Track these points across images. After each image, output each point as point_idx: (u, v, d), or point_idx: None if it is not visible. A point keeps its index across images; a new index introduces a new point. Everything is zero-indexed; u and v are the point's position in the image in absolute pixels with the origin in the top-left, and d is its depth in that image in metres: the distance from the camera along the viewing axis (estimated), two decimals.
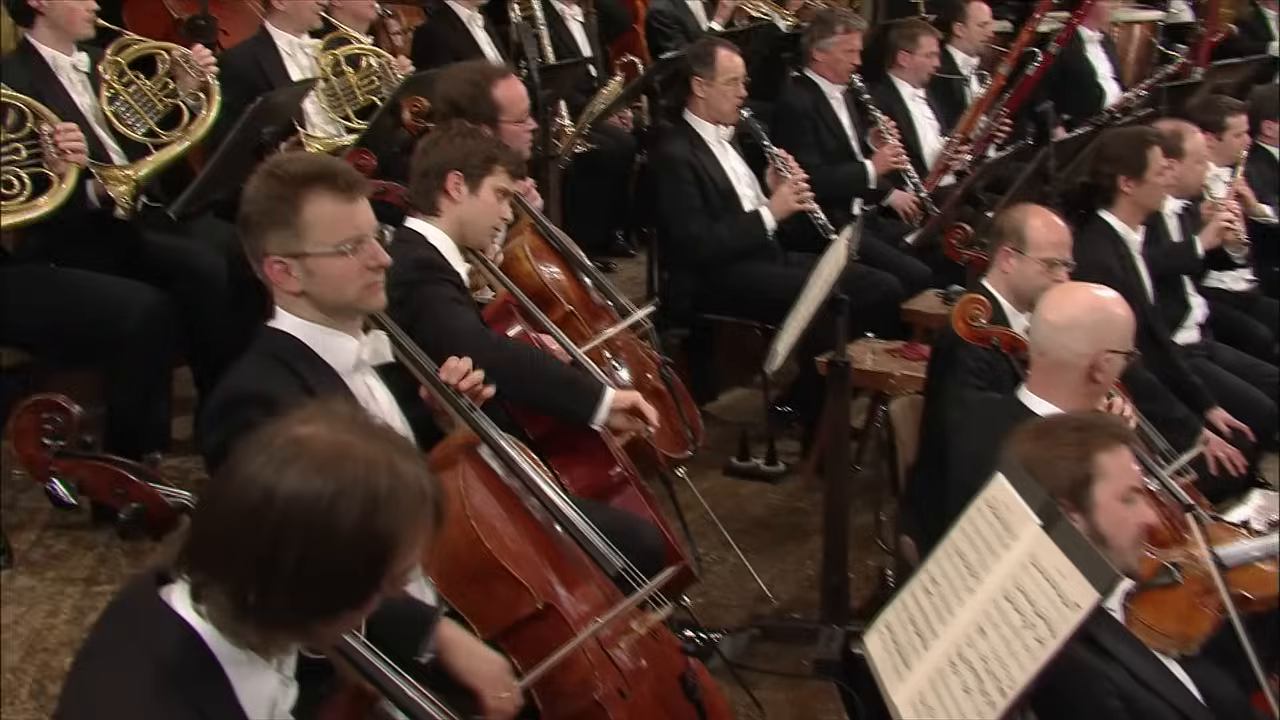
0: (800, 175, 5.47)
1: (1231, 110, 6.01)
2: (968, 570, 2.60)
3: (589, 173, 6.13)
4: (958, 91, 6.89)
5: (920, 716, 2.47)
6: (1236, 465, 4.68)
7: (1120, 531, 2.77)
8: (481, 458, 2.86)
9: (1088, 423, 2.85)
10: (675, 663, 2.85)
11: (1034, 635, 2.33)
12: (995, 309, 4.04)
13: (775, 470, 5.45)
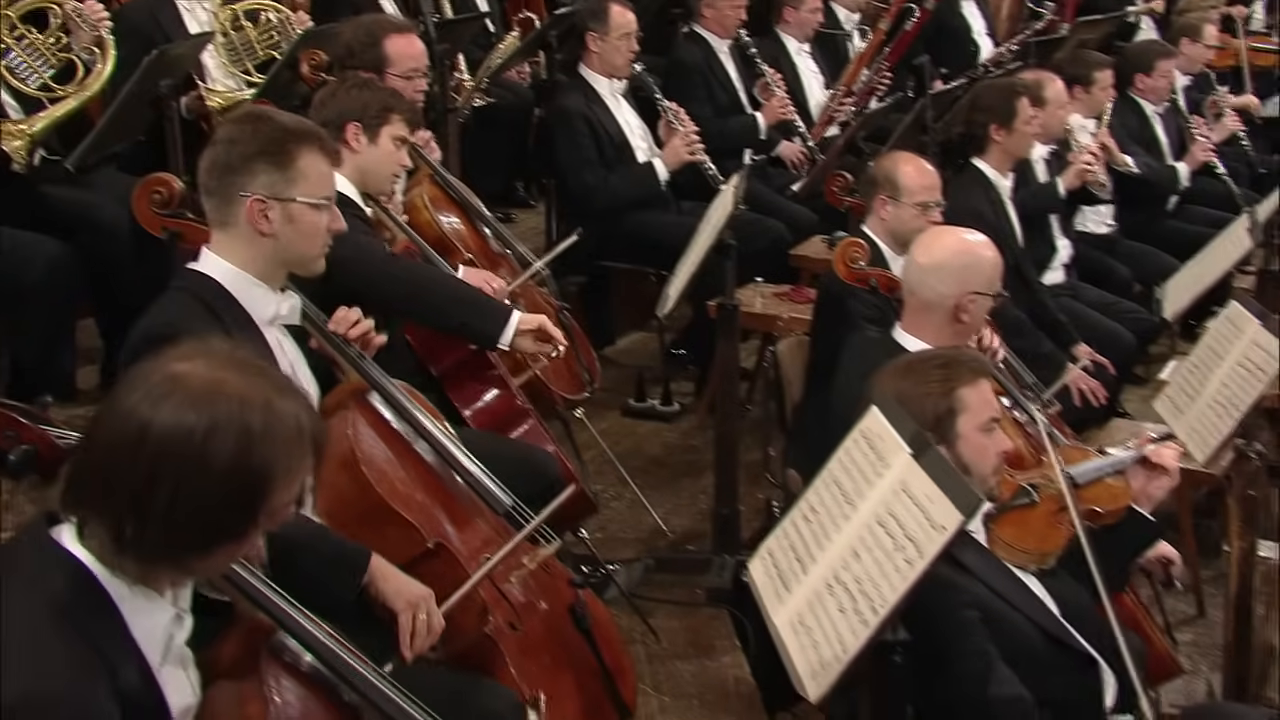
0: (691, 128, 5.44)
1: (1098, 65, 6.08)
2: (844, 498, 2.61)
3: (488, 125, 6.04)
4: (841, 46, 6.88)
5: (799, 637, 2.48)
6: (1098, 396, 4.76)
7: (981, 460, 2.81)
8: (371, 404, 2.81)
9: (950, 359, 2.87)
10: (565, 595, 2.84)
11: (904, 557, 2.36)
12: (875, 252, 4.07)
13: (670, 410, 5.46)
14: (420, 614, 2.52)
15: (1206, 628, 4.44)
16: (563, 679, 2.72)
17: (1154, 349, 5.89)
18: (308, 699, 2.01)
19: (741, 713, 3.70)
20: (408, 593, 2.54)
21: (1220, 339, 3.87)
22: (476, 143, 5.89)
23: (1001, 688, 2.60)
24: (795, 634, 2.50)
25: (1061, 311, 5.14)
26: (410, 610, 2.52)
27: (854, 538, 2.50)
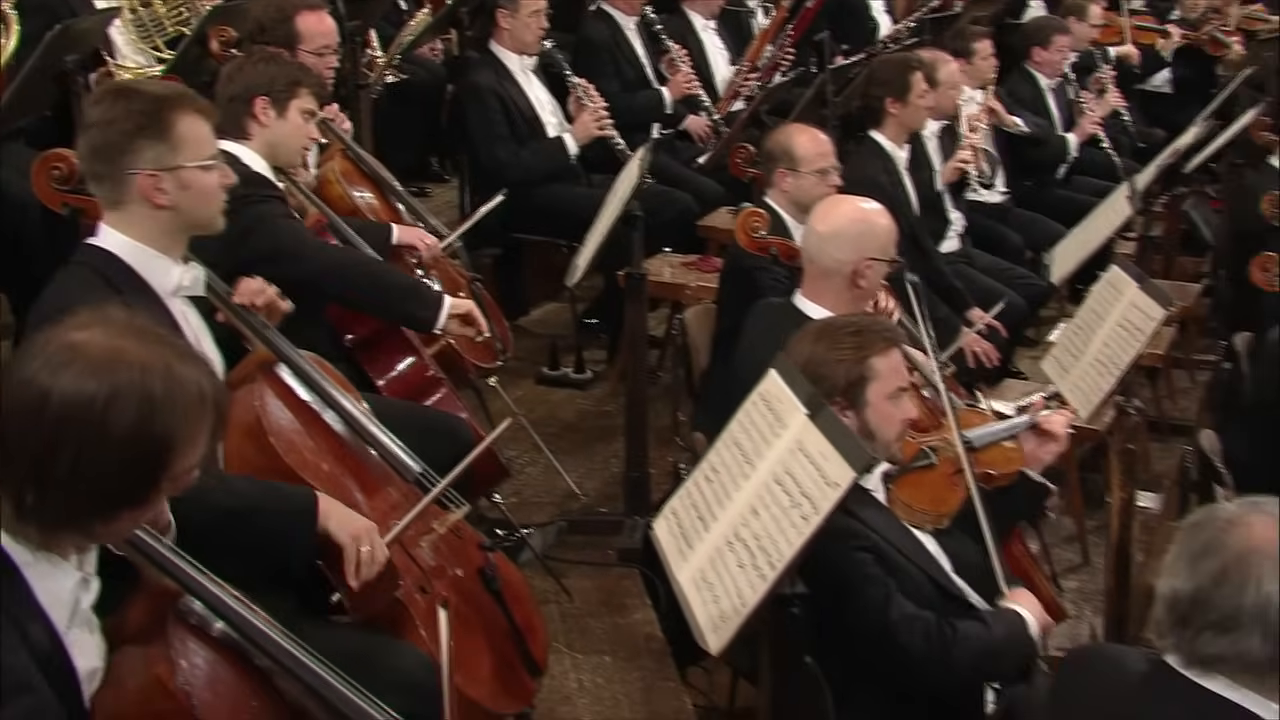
0: (600, 104, 5.41)
1: (976, 36, 6.15)
2: (744, 458, 2.62)
3: (401, 101, 5.97)
4: (745, 23, 6.87)
5: (701, 592, 2.49)
6: (991, 358, 4.82)
7: (887, 426, 2.83)
8: (278, 375, 2.76)
9: (863, 327, 2.86)
10: (475, 558, 2.81)
11: (800, 513, 2.37)
12: (777, 222, 4.08)
13: (583, 378, 5.44)
14: (364, 545, 2.51)
15: (1091, 575, 4.54)
16: (474, 640, 2.70)
17: (1044, 312, 5.97)
18: (216, 662, 1.97)
19: (652, 668, 3.71)
20: (351, 526, 2.53)
21: (1101, 301, 3.93)
22: (390, 118, 5.81)
23: (903, 609, 2.65)
24: (697, 589, 2.51)
25: (956, 277, 5.20)
26: (355, 543, 2.51)
27: (753, 496, 2.52)
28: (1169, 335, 5.30)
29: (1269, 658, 1.89)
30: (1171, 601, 1.97)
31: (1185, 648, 1.95)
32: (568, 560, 4.19)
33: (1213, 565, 1.92)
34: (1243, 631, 1.89)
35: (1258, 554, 1.90)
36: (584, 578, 4.11)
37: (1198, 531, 1.99)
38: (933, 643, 2.64)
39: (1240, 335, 4.77)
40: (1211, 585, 1.91)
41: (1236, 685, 1.94)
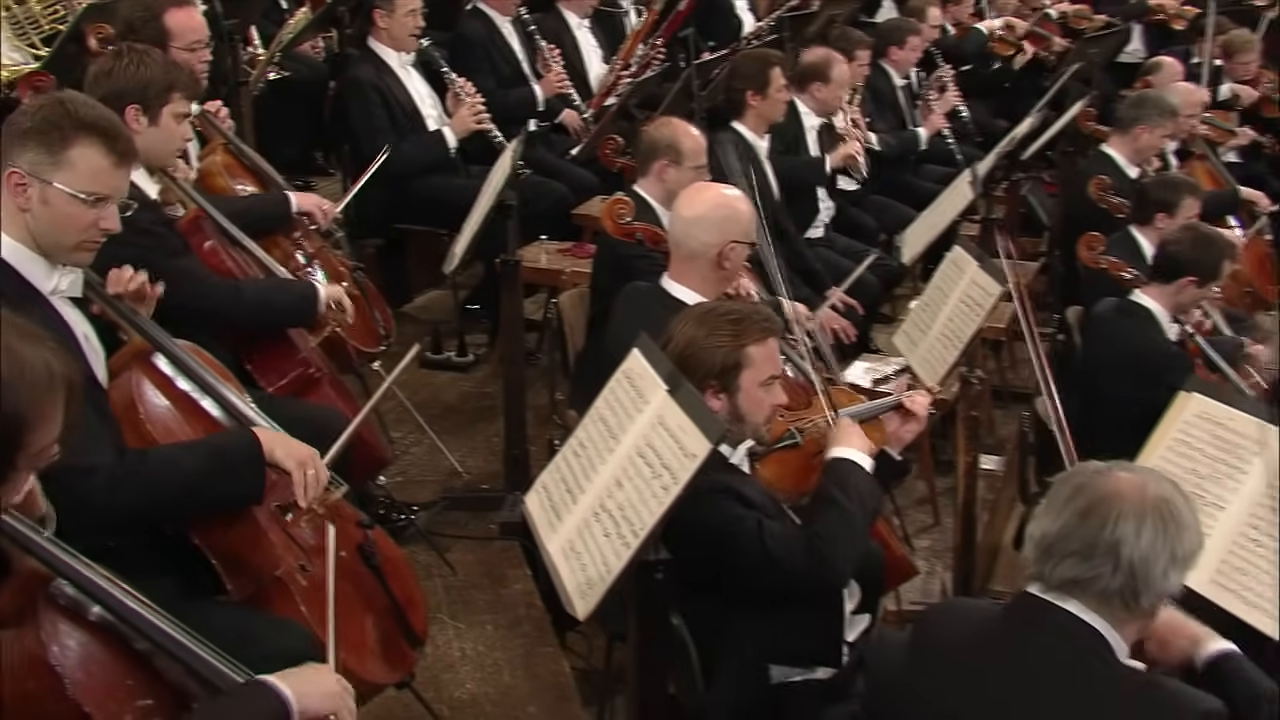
0: (477, 99, 5.34)
1: (861, 43, 6.20)
2: (609, 433, 2.62)
3: (284, 97, 5.82)
4: (619, 23, 6.85)
5: (569, 561, 2.49)
6: (849, 335, 4.88)
7: (757, 411, 2.82)
8: (154, 364, 2.67)
9: (743, 316, 2.84)
10: (354, 535, 2.76)
11: (660, 484, 2.37)
12: (645, 209, 4.08)
13: (465, 361, 5.40)
14: (309, 469, 2.57)
15: (941, 533, 4.63)
16: (354, 614, 2.65)
17: (899, 291, 6.06)
18: (89, 644, 1.91)
19: (532, 634, 3.71)
20: (296, 453, 2.58)
21: (946, 279, 4.00)
22: (274, 114, 5.67)
23: (774, 534, 2.68)
24: (566, 559, 2.50)
25: (816, 260, 5.26)
26: (301, 468, 2.56)
27: (617, 469, 2.51)
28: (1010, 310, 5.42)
29: (1118, 590, 2.00)
30: (1039, 540, 2.07)
31: (1047, 575, 2.05)
32: (451, 535, 4.17)
33: (1080, 503, 2.03)
34: (1098, 560, 1.99)
35: (1119, 498, 2.02)
36: (467, 551, 4.09)
37: (1069, 480, 2.10)
38: (811, 554, 2.67)
39: (1072, 309, 4.91)
40: (1076, 520, 2.02)
41: (1089, 610, 2.03)
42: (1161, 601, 2.05)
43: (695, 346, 2.74)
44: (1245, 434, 2.80)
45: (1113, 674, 2.00)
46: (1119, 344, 4.14)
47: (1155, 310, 4.12)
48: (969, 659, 2.12)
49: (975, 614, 2.24)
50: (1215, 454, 2.82)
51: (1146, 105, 5.61)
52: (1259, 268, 5.85)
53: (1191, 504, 2.08)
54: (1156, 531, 1.99)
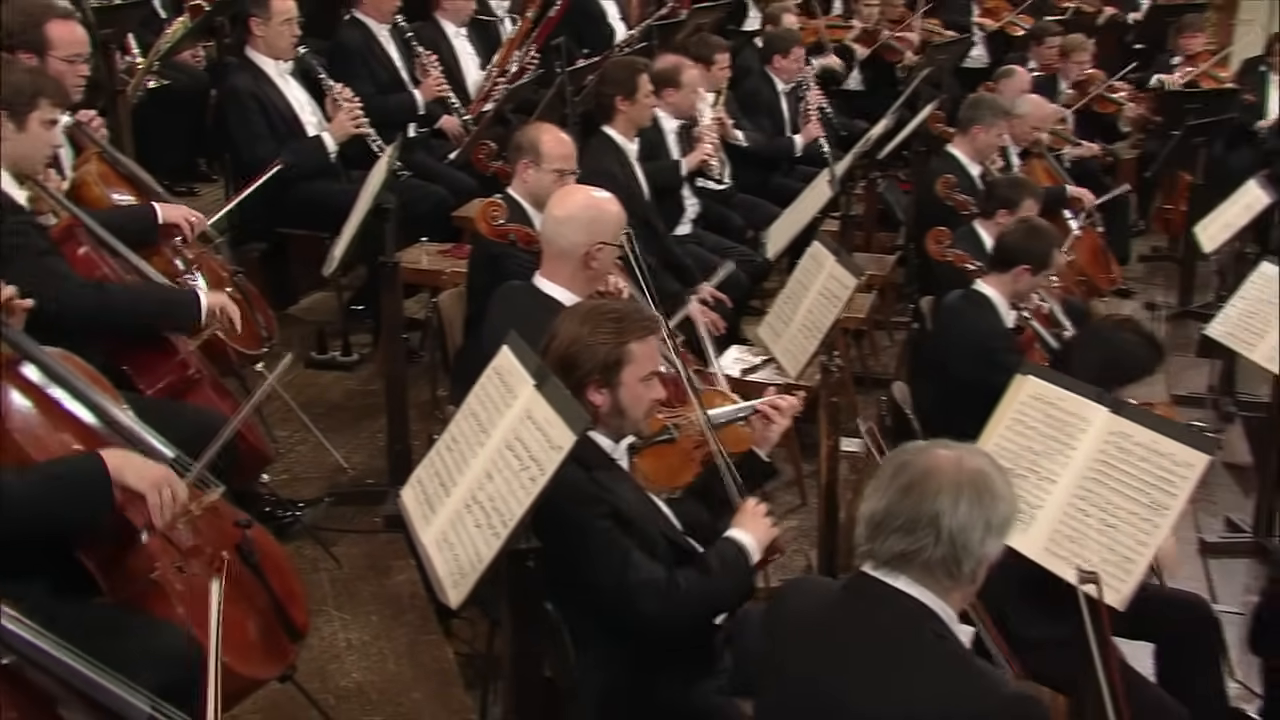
0: (355, 104, 5.26)
1: (719, 48, 6.24)
2: (480, 427, 2.61)
3: (165, 106, 5.68)
4: (494, 30, 6.80)
5: (443, 551, 2.47)
6: (718, 327, 4.92)
7: (637, 406, 2.80)
8: (21, 373, 2.56)
9: (625, 314, 2.82)
10: (232, 534, 2.70)
11: (528, 475, 2.37)
12: (517, 211, 4.06)
13: (350, 360, 5.33)
14: (164, 490, 2.46)
15: (808, 514, 4.68)
16: (233, 611, 2.59)
17: (769, 284, 6.13)
18: None
19: (417, 623, 3.67)
20: (150, 475, 2.46)
21: (806, 273, 4.06)
22: (154, 122, 5.54)
23: (638, 573, 2.63)
24: (439, 550, 2.49)
25: (686, 256, 5.29)
26: (154, 489, 2.45)
27: (488, 462, 2.51)
28: (869, 300, 5.53)
29: (940, 560, 2.05)
30: (868, 518, 2.11)
31: (877, 551, 2.09)
32: (337, 530, 4.11)
33: (902, 481, 2.07)
34: (921, 534, 2.04)
35: (938, 473, 2.06)
36: (352, 545, 4.04)
37: (892, 461, 2.14)
38: (665, 603, 2.63)
39: (925, 299, 5.02)
40: (900, 497, 2.06)
41: (918, 584, 2.07)
42: (982, 568, 2.09)
43: (580, 344, 2.72)
44: (1074, 412, 2.89)
45: (938, 648, 2.04)
46: (962, 330, 4.24)
47: (995, 299, 4.23)
48: (813, 633, 2.16)
49: (821, 591, 2.28)
50: (1048, 432, 2.91)
51: (981, 107, 5.76)
52: (1092, 258, 6.07)
53: (1005, 475, 2.13)
54: (972, 503, 2.03)
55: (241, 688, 2.58)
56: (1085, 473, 2.80)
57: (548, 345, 2.75)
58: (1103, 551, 2.67)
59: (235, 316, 3.54)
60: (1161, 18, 9.00)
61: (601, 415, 2.72)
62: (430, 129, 6.04)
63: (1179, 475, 2.67)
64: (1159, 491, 2.68)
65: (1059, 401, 2.93)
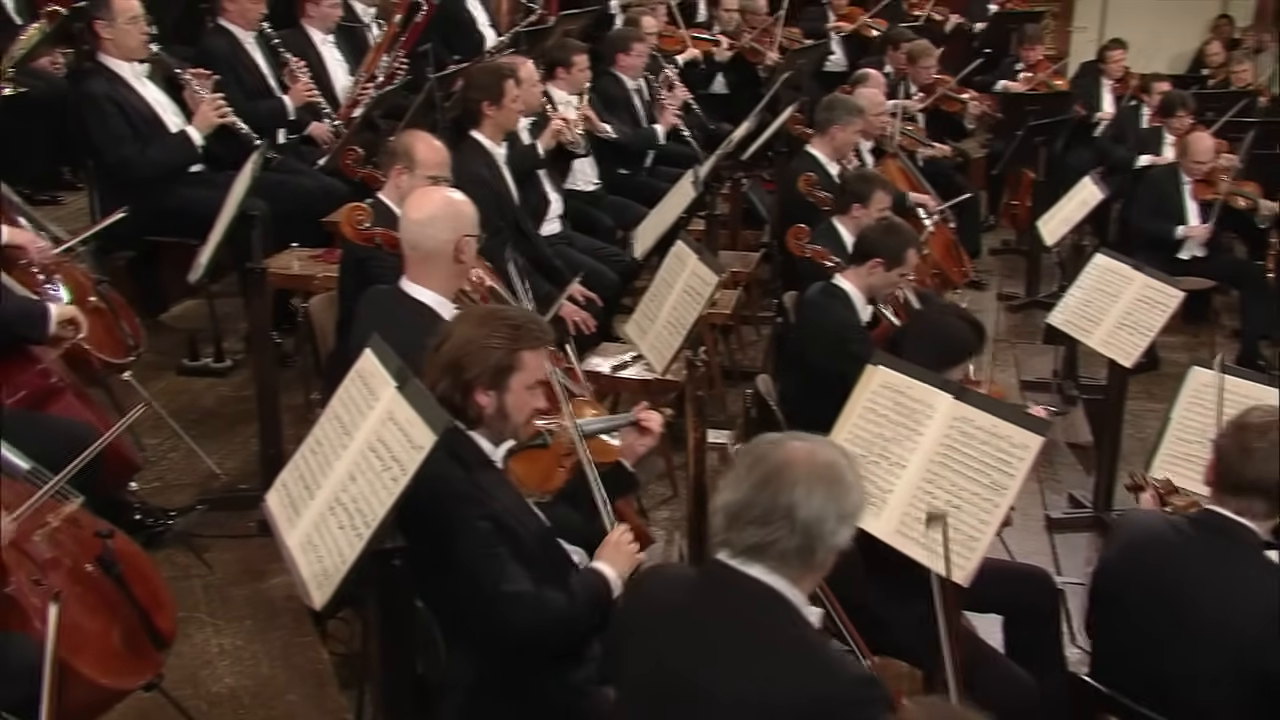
0: (217, 95, 5.08)
1: (576, 50, 6.23)
2: (343, 430, 2.57)
3: (23, 114, 5.43)
4: (361, 37, 6.68)
5: (307, 554, 2.42)
6: (589, 326, 4.91)
7: (520, 412, 2.77)
8: None
9: (521, 323, 2.79)
10: (94, 546, 2.61)
11: (390, 476, 2.34)
12: (385, 215, 3.99)
13: (223, 366, 5.20)
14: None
15: (679, 504, 4.72)
16: (95, 623, 2.51)
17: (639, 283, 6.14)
18: None
19: (291, 626, 3.59)
20: None
21: (670, 272, 4.08)
22: (12, 131, 5.30)
23: (511, 584, 2.59)
24: (304, 552, 2.44)
25: (557, 257, 5.27)
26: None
27: (351, 464, 2.47)
28: (736, 297, 5.58)
29: (794, 550, 2.07)
30: (725, 509, 2.11)
31: (733, 541, 2.10)
32: (211, 536, 4.00)
33: (757, 474, 2.08)
34: (776, 525, 2.05)
35: (793, 466, 2.08)
36: (225, 550, 3.94)
37: (748, 453, 2.15)
38: (533, 618, 2.60)
39: (788, 294, 5.08)
40: (755, 490, 2.07)
41: (771, 572, 2.09)
42: (832, 555, 2.12)
43: (473, 345, 2.69)
44: (921, 400, 2.96)
45: (790, 632, 2.06)
46: (821, 323, 4.31)
47: (851, 292, 4.31)
48: (669, 620, 2.17)
49: (677, 579, 2.28)
50: (898, 419, 2.98)
51: (836, 108, 5.87)
52: (945, 253, 6.22)
53: (855, 466, 2.16)
54: (825, 494, 2.06)
55: (105, 698, 2.49)
56: (932, 457, 2.87)
57: (440, 345, 2.72)
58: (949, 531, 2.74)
59: (83, 324, 3.40)
60: (1004, 25, 9.29)
61: (485, 418, 2.70)
62: (300, 135, 5.91)
63: (1016, 456, 2.76)
64: (999, 472, 2.76)
65: (907, 390, 3.00)
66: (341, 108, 6.09)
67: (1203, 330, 6.95)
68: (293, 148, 5.78)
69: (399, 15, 6.37)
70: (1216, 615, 2.58)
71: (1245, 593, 2.58)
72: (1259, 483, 2.62)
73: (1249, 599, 2.56)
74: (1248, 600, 2.56)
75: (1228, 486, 2.69)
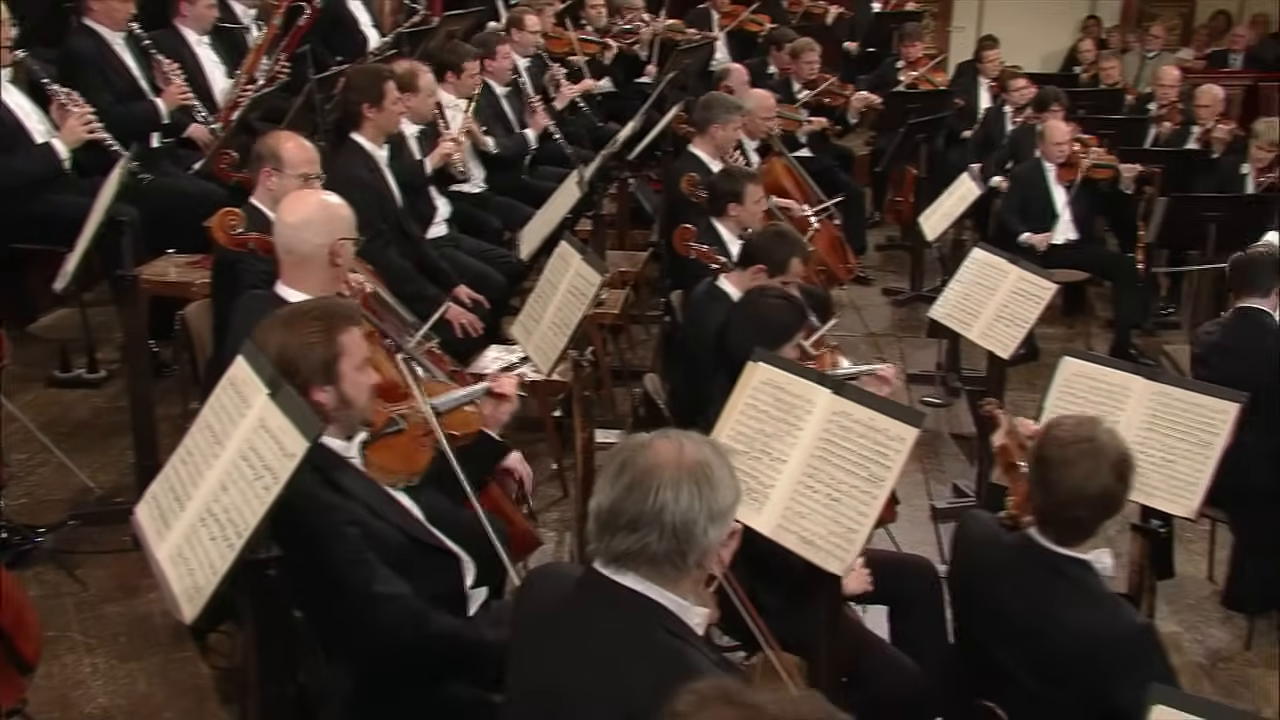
0: (86, 109, 4.94)
1: (468, 55, 6.17)
2: (214, 439, 2.50)
3: None
4: (240, 38, 6.53)
5: (177, 567, 2.36)
6: (475, 328, 4.88)
7: (360, 394, 2.76)
8: None
9: (325, 311, 2.76)
10: None
11: (263, 484, 2.29)
12: (259, 219, 3.91)
13: (98, 377, 5.05)
14: None
15: (571, 505, 4.71)
16: None
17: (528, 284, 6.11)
18: None
19: (169, 642, 3.50)
20: None
21: (555, 272, 4.07)
22: None
23: (385, 587, 2.57)
24: (174, 565, 2.37)
25: (444, 260, 5.22)
26: None
27: (223, 473, 2.41)
28: (625, 296, 5.60)
29: (666, 553, 2.02)
30: (597, 513, 2.06)
31: (605, 549, 2.05)
32: (84, 551, 3.88)
33: (626, 479, 2.03)
34: (646, 530, 2.00)
35: (660, 468, 2.03)
36: (99, 566, 3.82)
37: (617, 456, 2.09)
38: (408, 623, 2.57)
39: (675, 294, 5.12)
40: (624, 494, 2.02)
41: (644, 579, 2.04)
42: (707, 556, 2.07)
43: (292, 349, 2.65)
44: (800, 395, 3.00)
45: (662, 642, 2.01)
46: (704, 323, 4.34)
47: (733, 295, 4.34)
48: (546, 627, 2.14)
49: (560, 582, 2.24)
50: (778, 415, 3.00)
51: (714, 106, 5.91)
52: (830, 249, 6.32)
53: (727, 462, 2.10)
54: (694, 494, 2.01)
55: None
56: (812, 451, 2.90)
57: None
58: (829, 524, 2.78)
59: None
60: (886, 24, 9.48)
61: (330, 414, 2.67)
62: (176, 138, 5.76)
63: (893, 449, 2.79)
64: (876, 465, 2.80)
65: (787, 385, 3.03)
66: (221, 110, 5.95)
67: (1079, 321, 7.18)
68: (168, 151, 5.63)
69: (279, 17, 6.25)
70: (1049, 650, 2.63)
71: (1061, 629, 2.61)
72: (1066, 510, 2.66)
73: (1067, 635, 2.60)
74: (1066, 636, 2.60)
75: (1042, 517, 2.74)
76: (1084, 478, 2.63)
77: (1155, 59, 10.40)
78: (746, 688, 1.71)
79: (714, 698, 1.63)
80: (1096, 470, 2.63)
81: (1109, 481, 2.64)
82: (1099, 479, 2.64)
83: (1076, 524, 2.69)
